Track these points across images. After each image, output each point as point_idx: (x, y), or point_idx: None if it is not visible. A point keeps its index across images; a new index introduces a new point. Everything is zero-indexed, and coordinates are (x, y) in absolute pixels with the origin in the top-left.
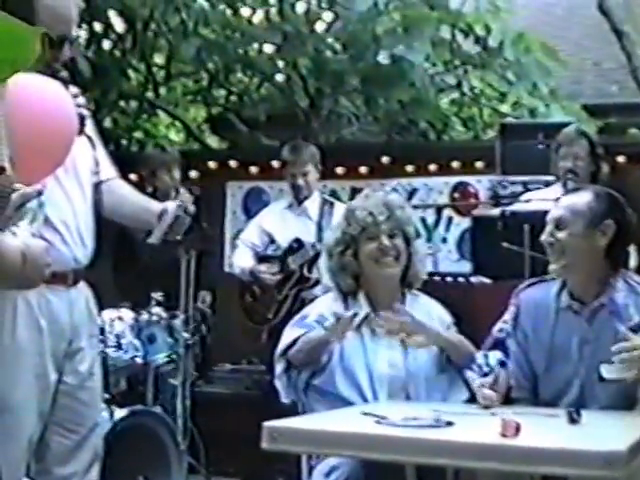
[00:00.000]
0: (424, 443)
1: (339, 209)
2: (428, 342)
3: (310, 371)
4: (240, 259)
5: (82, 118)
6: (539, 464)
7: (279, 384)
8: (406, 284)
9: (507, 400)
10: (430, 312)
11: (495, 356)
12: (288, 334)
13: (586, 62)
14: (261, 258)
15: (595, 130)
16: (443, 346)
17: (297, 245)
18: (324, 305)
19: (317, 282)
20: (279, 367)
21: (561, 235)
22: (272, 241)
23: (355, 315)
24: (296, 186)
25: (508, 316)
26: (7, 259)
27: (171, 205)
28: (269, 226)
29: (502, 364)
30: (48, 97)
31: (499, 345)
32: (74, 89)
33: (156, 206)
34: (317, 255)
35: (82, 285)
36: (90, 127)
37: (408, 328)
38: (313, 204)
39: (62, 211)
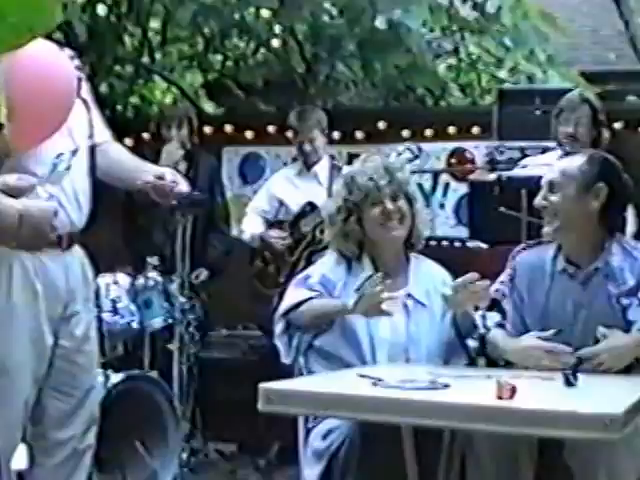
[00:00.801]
0: (420, 405)
1: None
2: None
3: (313, 332)
4: (250, 225)
5: (77, 80)
6: (535, 426)
7: (279, 344)
8: (409, 245)
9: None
10: (434, 275)
11: (493, 318)
12: (291, 295)
13: (584, 29)
14: (271, 223)
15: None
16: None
17: (310, 208)
18: (327, 266)
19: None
20: (279, 327)
21: (554, 198)
22: (281, 208)
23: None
24: (304, 152)
25: (504, 277)
26: (3, 220)
27: (168, 171)
28: (279, 192)
29: (500, 326)
30: (47, 60)
31: (496, 306)
32: (69, 51)
33: (153, 168)
34: None
35: (77, 249)
36: (85, 89)
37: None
38: (323, 169)
39: None
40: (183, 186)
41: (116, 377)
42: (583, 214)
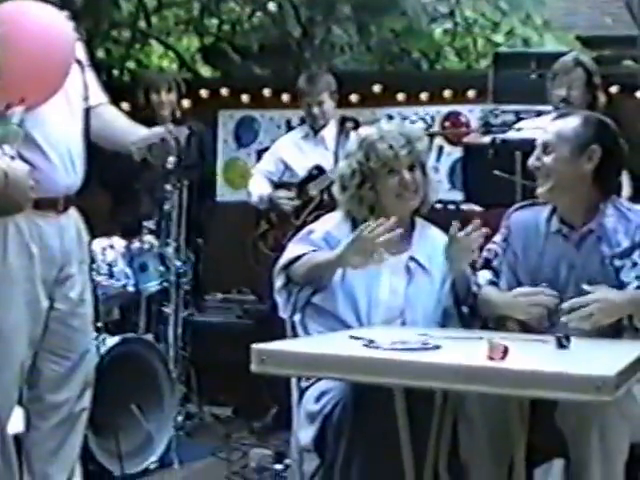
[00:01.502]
0: (411, 365)
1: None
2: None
3: (312, 289)
4: (258, 187)
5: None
6: (527, 387)
7: (279, 298)
8: (415, 211)
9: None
10: (437, 241)
11: (485, 276)
12: (292, 249)
13: None
14: (278, 185)
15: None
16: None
17: (317, 172)
18: (331, 223)
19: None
20: (279, 281)
21: (547, 159)
22: (286, 170)
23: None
24: (312, 115)
25: (499, 237)
26: None
27: (159, 128)
28: (285, 155)
29: (492, 283)
30: (44, 21)
31: (488, 265)
32: (63, 13)
33: (144, 130)
34: None
35: (72, 211)
36: (80, 51)
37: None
38: (330, 133)
39: (53, 136)
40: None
41: (111, 340)
42: (576, 175)
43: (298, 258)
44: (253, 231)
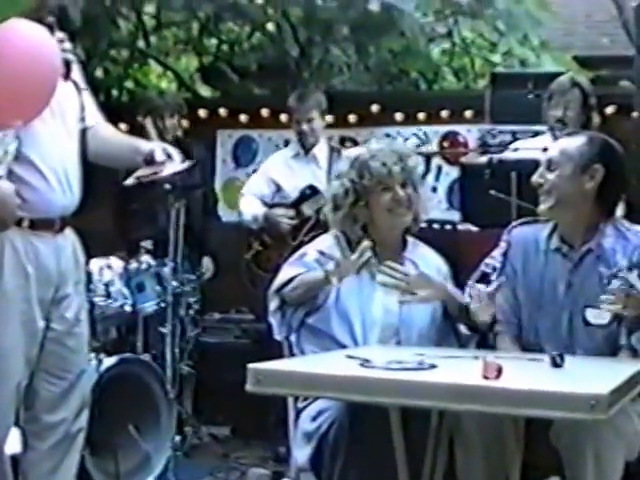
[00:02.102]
0: (407, 385)
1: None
2: (434, 297)
3: (306, 309)
4: (250, 206)
5: (68, 63)
6: (521, 406)
7: (273, 320)
8: (406, 230)
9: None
10: (429, 261)
11: (480, 288)
12: (285, 272)
13: (578, 14)
14: (271, 206)
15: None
16: (446, 300)
17: (310, 191)
18: (324, 245)
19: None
20: (273, 304)
21: (550, 176)
22: (278, 190)
23: (359, 258)
24: (302, 133)
25: (498, 252)
26: None
27: (158, 146)
28: (276, 175)
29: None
30: (30, 41)
31: (485, 278)
32: (60, 34)
33: (143, 145)
34: None
35: (69, 232)
36: (76, 72)
37: (413, 281)
38: (321, 151)
39: (50, 157)
40: (177, 160)
41: (109, 361)
42: (578, 194)
43: (291, 280)
44: (245, 252)
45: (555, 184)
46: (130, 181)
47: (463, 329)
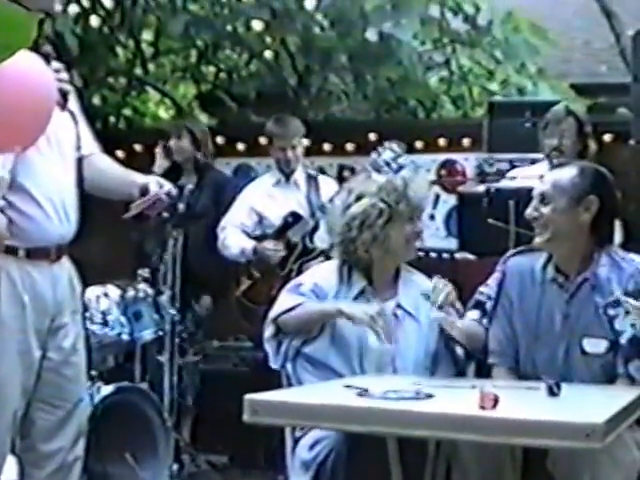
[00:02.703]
0: (404, 415)
1: (324, 182)
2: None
3: (302, 338)
4: (237, 240)
5: (65, 93)
6: (517, 436)
7: (268, 348)
8: None
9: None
10: (422, 288)
11: (471, 316)
12: (283, 300)
13: (575, 42)
14: (255, 237)
15: (584, 109)
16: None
17: (293, 219)
18: (320, 275)
19: (321, 252)
20: (268, 331)
21: (545, 210)
22: (260, 221)
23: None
24: (285, 160)
25: (492, 281)
26: None
27: (152, 179)
28: (258, 205)
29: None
30: (24, 72)
31: (479, 306)
32: (57, 64)
33: (139, 178)
34: (317, 226)
35: (65, 261)
36: (73, 102)
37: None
38: (300, 178)
39: (46, 186)
40: (170, 192)
41: (106, 389)
42: (574, 226)
43: (290, 309)
44: (234, 288)
45: (550, 218)
46: (128, 214)
47: (460, 352)
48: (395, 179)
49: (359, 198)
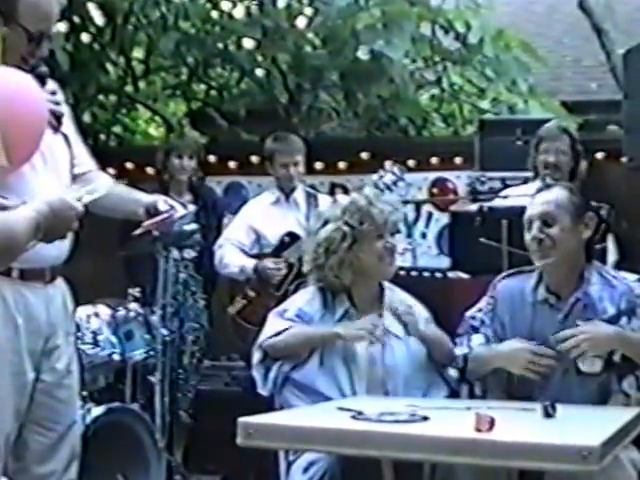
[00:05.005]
0: (399, 438)
1: (323, 201)
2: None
3: (291, 364)
4: (236, 258)
5: (59, 116)
6: (513, 458)
7: (256, 374)
8: None
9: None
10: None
11: (478, 340)
12: (271, 325)
13: (566, 59)
14: (253, 256)
15: (575, 127)
16: (422, 340)
17: (290, 238)
18: (303, 300)
19: None
20: (256, 357)
21: (552, 231)
22: (258, 239)
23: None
24: (287, 177)
25: (484, 305)
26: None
27: (159, 198)
28: (257, 224)
29: None
30: (16, 93)
31: (477, 331)
32: (52, 85)
33: (144, 197)
34: None
35: (59, 282)
36: (67, 124)
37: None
38: (300, 196)
39: None
40: (179, 212)
41: (97, 410)
42: (577, 244)
43: (278, 334)
44: (229, 306)
45: (559, 238)
46: (138, 231)
47: (452, 373)
48: (359, 199)
49: (325, 223)
